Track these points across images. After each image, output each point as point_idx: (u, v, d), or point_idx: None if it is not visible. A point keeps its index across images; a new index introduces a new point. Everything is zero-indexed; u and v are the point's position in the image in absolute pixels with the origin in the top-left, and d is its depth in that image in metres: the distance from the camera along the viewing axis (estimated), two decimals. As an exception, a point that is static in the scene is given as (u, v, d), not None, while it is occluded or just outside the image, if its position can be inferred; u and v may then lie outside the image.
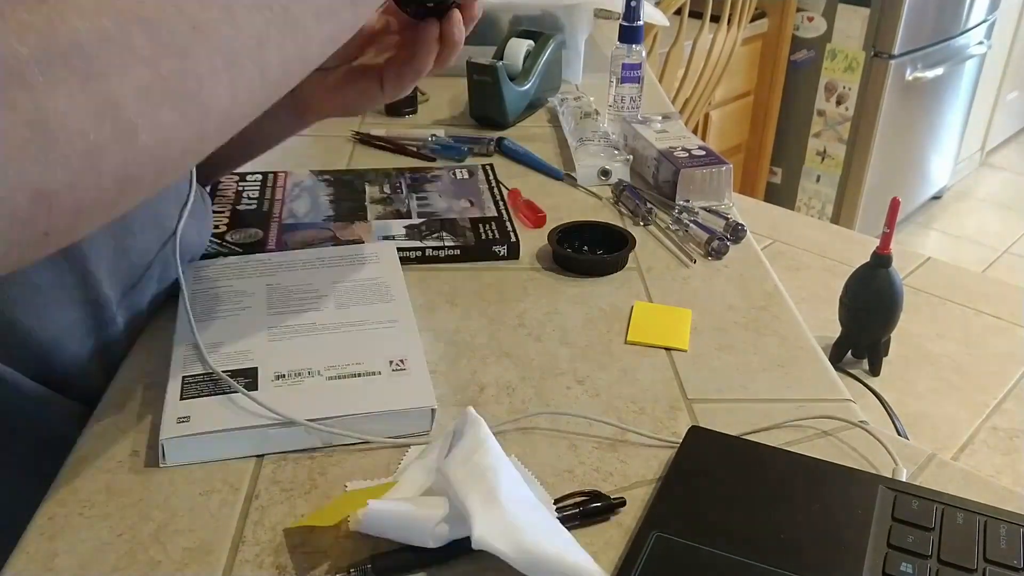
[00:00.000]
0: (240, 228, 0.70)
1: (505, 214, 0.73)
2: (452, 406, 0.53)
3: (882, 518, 0.42)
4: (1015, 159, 3.40)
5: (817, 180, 2.53)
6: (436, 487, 0.43)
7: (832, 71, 2.38)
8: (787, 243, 1.33)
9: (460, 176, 0.81)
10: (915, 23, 2.26)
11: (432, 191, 0.77)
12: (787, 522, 0.42)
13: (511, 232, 0.70)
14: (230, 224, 0.71)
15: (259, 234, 0.69)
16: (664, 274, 0.68)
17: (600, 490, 0.46)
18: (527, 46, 0.99)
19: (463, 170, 0.83)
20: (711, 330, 0.61)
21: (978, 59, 2.68)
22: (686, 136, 0.86)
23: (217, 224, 0.70)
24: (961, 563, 0.40)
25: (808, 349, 0.59)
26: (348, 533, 0.43)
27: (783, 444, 0.49)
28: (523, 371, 0.56)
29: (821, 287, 1.20)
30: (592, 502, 0.45)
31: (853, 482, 0.45)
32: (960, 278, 1.27)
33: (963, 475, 0.49)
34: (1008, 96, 3.14)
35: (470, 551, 0.41)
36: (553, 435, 0.51)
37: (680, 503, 0.44)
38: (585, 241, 0.71)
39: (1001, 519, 0.42)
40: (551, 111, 1.01)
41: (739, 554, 0.40)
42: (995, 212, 3.02)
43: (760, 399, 0.54)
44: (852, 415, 0.53)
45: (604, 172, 0.83)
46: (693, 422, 0.52)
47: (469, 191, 0.78)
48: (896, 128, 2.43)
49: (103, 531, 0.43)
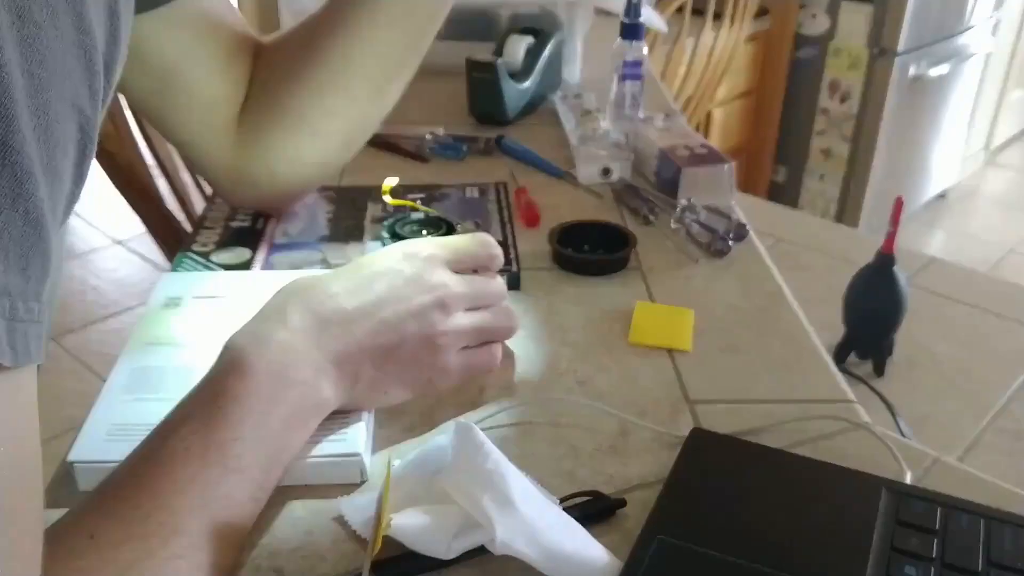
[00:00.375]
0: (229, 247, 0.68)
1: (511, 239, 0.70)
2: (452, 407, 0.52)
3: (886, 520, 0.42)
4: (1021, 158, 3.38)
5: (821, 179, 2.52)
6: (438, 496, 0.42)
7: (836, 69, 2.37)
8: (791, 242, 1.33)
9: (469, 195, 0.78)
10: (919, 20, 2.25)
11: (438, 209, 0.73)
12: (790, 525, 0.42)
13: (513, 261, 0.67)
14: (219, 242, 0.68)
15: (247, 254, 0.67)
16: (666, 274, 0.68)
17: (600, 492, 0.45)
18: (527, 43, 0.98)
19: (474, 188, 0.80)
20: (714, 330, 0.60)
21: (983, 56, 2.66)
22: (688, 134, 0.85)
23: (205, 242, 0.68)
24: (965, 566, 0.39)
25: (812, 350, 0.59)
26: (347, 537, 0.42)
27: (786, 446, 0.49)
28: (523, 372, 0.56)
29: (825, 287, 1.19)
30: (593, 503, 0.44)
31: (856, 484, 0.45)
32: (965, 278, 1.26)
33: (967, 477, 0.48)
34: (1013, 94, 3.12)
35: (469, 555, 0.40)
36: (554, 437, 0.50)
37: (683, 506, 0.43)
38: (586, 241, 0.70)
39: (1005, 521, 0.42)
40: (551, 109, 1.01)
41: (742, 557, 0.40)
42: (1000, 211, 3.01)
43: (763, 400, 0.54)
44: (856, 417, 0.52)
45: (605, 171, 0.82)
46: (695, 423, 0.51)
47: (476, 211, 0.75)
48: (900, 126, 2.42)
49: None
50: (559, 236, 0.69)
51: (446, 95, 1.02)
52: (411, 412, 0.52)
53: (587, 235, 0.70)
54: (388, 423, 0.51)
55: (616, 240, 0.69)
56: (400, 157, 0.89)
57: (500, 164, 0.87)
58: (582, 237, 0.70)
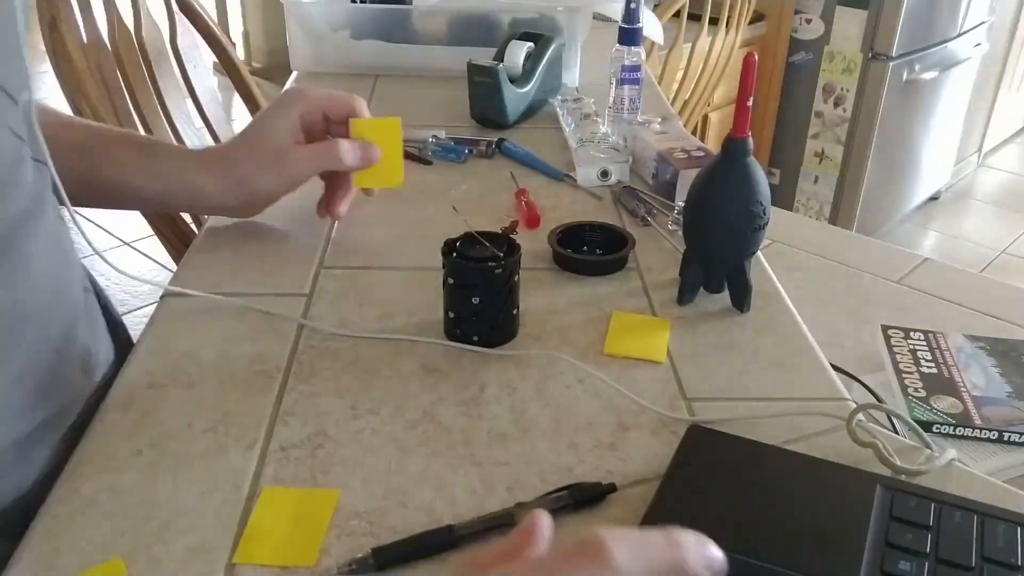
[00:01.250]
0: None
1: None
2: (453, 405, 0.53)
3: (880, 517, 0.43)
4: (1012, 160, 3.41)
5: (815, 181, 2.54)
6: None
7: (830, 73, 2.39)
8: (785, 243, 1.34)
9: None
10: (913, 25, 2.26)
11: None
12: (785, 520, 0.43)
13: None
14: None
15: None
16: (663, 274, 0.68)
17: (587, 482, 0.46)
18: (527, 48, 0.99)
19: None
20: (710, 330, 0.61)
21: (975, 61, 2.68)
22: (685, 137, 0.86)
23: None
24: (959, 561, 0.40)
25: (806, 348, 0.60)
26: (350, 531, 0.43)
27: (782, 443, 0.50)
28: (523, 371, 0.56)
29: (819, 287, 1.20)
30: (582, 490, 0.45)
31: (851, 481, 0.45)
32: (958, 279, 1.27)
33: (960, 473, 0.49)
34: (1005, 98, 3.14)
35: (470, 541, 0.41)
36: (553, 433, 0.51)
37: (680, 501, 0.44)
38: (585, 241, 0.71)
39: (999, 517, 0.43)
40: (551, 113, 1.01)
41: (738, 552, 0.40)
42: (993, 213, 3.03)
43: (759, 398, 0.55)
44: (850, 414, 0.53)
45: (604, 173, 0.83)
46: (693, 420, 0.52)
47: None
48: (894, 129, 2.44)
49: (105, 530, 0.43)
50: (559, 237, 0.70)
51: (448, 99, 1.02)
52: (412, 410, 0.52)
53: (586, 236, 0.71)
54: (390, 420, 0.51)
55: (614, 241, 0.70)
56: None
57: (501, 166, 0.88)
58: (581, 238, 0.71)
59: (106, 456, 0.48)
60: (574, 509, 0.45)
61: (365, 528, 0.44)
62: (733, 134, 0.60)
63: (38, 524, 0.44)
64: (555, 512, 0.43)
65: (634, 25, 0.90)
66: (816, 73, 2.41)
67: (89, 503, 0.45)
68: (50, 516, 0.44)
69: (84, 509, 0.44)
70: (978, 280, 1.31)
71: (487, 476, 0.47)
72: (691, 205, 0.63)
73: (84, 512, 0.44)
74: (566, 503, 0.45)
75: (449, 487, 0.47)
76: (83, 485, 0.46)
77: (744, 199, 0.60)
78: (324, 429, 0.51)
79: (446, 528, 0.43)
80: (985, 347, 0.81)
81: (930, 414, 0.69)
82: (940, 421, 0.69)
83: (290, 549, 0.42)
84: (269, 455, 0.48)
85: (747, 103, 0.59)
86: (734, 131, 0.60)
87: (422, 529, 0.43)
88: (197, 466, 0.47)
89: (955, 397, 0.72)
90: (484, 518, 0.44)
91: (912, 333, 0.83)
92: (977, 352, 0.79)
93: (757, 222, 0.61)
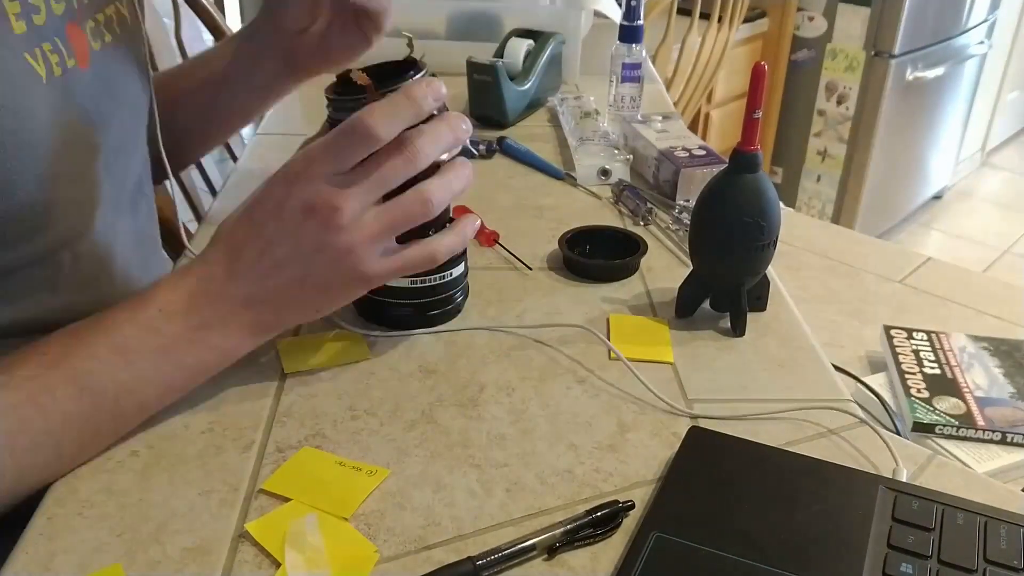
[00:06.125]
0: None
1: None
2: (452, 405, 0.53)
3: (882, 518, 0.42)
4: (1016, 159, 3.40)
5: (818, 180, 2.53)
6: None
7: (833, 71, 2.38)
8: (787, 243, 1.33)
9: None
10: (915, 23, 2.26)
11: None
12: (787, 522, 0.42)
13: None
14: None
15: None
16: (664, 274, 0.68)
17: (601, 491, 0.46)
18: (527, 46, 0.99)
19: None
20: (711, 330, 0.61)
21: (979, 59, 2.68)
22: (686, 136, 0.86)
23: None
24: (961, 563, 0.40)
25: (808, 349, 0.59)
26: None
27: (783, 444, 0.49)
28: (522, 372, 0.56)
29: (821, 287, 1.20)
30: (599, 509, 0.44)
31: (853, 482, 0.45)
32: (961, 278, 1.27)
33: (963, 475, 0.49)
34: (1009, 96, 3.14)
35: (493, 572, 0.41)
36: (552, 435, 0.51)
37: (680, 503, 0.44)
38: (591, 245, 0.70)
39: (1001, 519, 0.42)
40: (551, 111, 1.01)
41: (739, 554, 0.40)
42: (996, 212, 3.02)
43: (760, 399, 0.54)
44: (853, 415, 0.52)
45: (604, 172, 0.83)
46: (693, 422, 0.52)
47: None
48: (896, 128, 2.43)
49: (102, 531, 0.43)
50: (568, 241, 0.69)
51: (447, 96, 1.02)
52: (412, 410, 0.52)
53: (594, 240, 0.70)
54: (388, 421, 0.51)
55: (621, 245, 0.69)
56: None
57: (501, 165, 0.87)
58: (589, 241, 0.70)
59: (103, 457, 0.48)
60: (593, 530, 0.43)
61: (363, 530, 0.43)
62: (741, 147, 0.57)
63: (34, 526, 0.43)
64: (575, 537, 0.42)
65: (634, 22, 0.90)
66: (818, 71, 2.41)
67: (86, 504, 0.45)
68: (46, 518, 0.44)
69: (81, 510, 0.44)
70: (981, 280, 1.30)
71: (486, 477, 0.47)
72: (694, 219, 0.60)
73: (81, 513, 0.44)
74: (586, 527, 0.43)
75: (448, 488, 0.46)
76: (80, 486, 0.46)
77: (748, 215, 0.57)
78: (321, 430, 0.50)
79: (467, 560, 0.41)
80: (988, 347, 0.80)
81: (933, 415, 0.69)
82: (943, 422, 0.68)
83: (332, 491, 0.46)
84: (266, 456, 0.48)
85: (755, 114, 0.55)
86: (742, 143, 0.56)
87: (421, 529, 0.43)
88: (194, 467, 0.47)
89: (958, 398, 0.71)
90: (505, 552, 0.41)
91: (915, 333, 0.83)
92: (980, 352, 0.79)
93: (759, 240, 0.58)
